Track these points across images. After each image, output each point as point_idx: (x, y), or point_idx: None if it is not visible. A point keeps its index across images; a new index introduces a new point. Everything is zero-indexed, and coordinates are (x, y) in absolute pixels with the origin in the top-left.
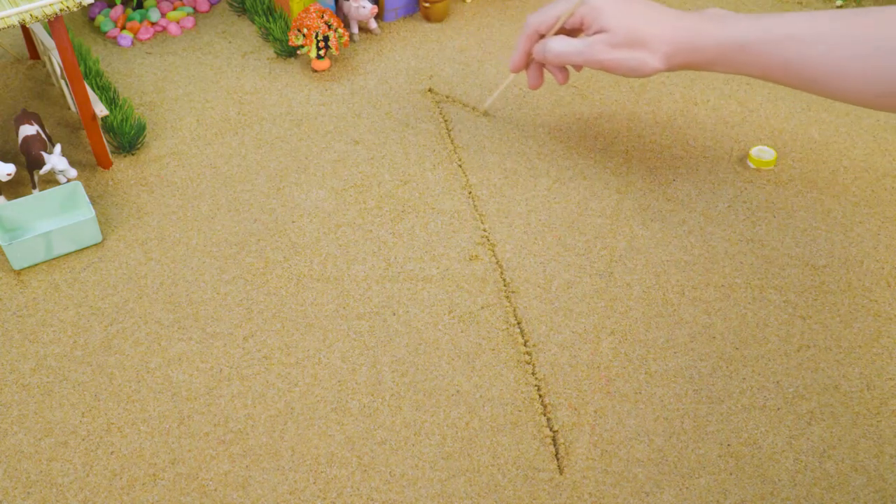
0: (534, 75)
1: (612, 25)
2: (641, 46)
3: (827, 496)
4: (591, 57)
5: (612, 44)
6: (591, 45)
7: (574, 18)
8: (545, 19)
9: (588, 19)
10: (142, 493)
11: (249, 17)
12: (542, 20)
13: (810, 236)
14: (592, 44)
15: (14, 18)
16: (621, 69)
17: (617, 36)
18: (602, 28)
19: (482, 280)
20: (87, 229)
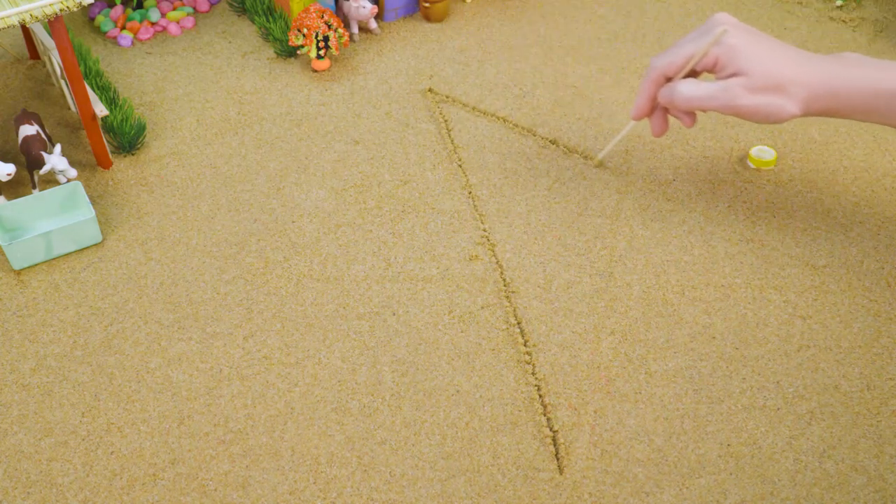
0: (658, 122)
1: (751, 68)
2: (780, 91)
3: (827, 496)
4: (727, 102)
5: (751, 88)
6: (728, 88)
7: (707, 59)
8: (674, 60)
9: (723, 60)
10: (142, 493)
11: (249, 17)
12: (671, 62)
13: (810, 236)
14: (728, 87)
15: (14, 18)
16: (758, 115)
17: (756, 79)
18: (739, 70)
19: (482, 280)
20: (87, 229)
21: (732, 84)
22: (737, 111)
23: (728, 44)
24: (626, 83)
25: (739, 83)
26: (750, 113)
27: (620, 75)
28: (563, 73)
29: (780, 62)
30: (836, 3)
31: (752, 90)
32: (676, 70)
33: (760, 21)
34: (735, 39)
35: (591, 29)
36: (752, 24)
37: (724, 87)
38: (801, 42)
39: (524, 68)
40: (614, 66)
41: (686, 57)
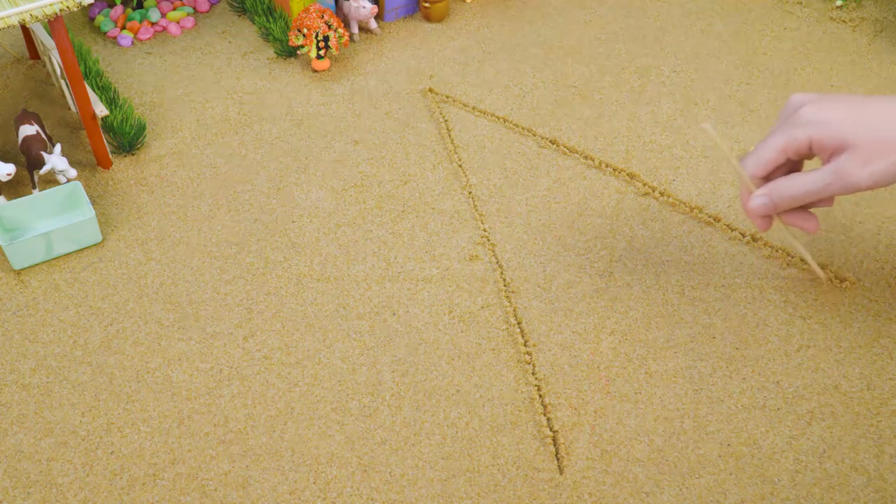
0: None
1: (856, 138)
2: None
3: (827, 496)
4: (844, 187)
5: (866, 159)
6: (838, 171)
7: (799, 145)
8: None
9: (818, 141)
10: (142, 493)
11: (249, 17)
12: (759, 162)
13: (810, 236)
14: (839, 170)
15: (14, 18)
16: (885, 181)
17: (867, 149)
18: (842, 145)
19: (482, 280)
20: (87, 229)
21: (842, 164)
22: (859, 190)
23: (817, 120)
24: (626, 83)
25: (849, 160)
26: (875, 185)
27: (620, 75)
28: (563, 73)
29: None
30: (836, 3)
31: (867, 161)
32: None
33: (760, 21)
34: (819, 114)
35: (591, 29)
36: (751, 25)
37: (833, 170)
38: (801, 42)
39: (524, 68)
40: (614, 66)
41: (776, 150)
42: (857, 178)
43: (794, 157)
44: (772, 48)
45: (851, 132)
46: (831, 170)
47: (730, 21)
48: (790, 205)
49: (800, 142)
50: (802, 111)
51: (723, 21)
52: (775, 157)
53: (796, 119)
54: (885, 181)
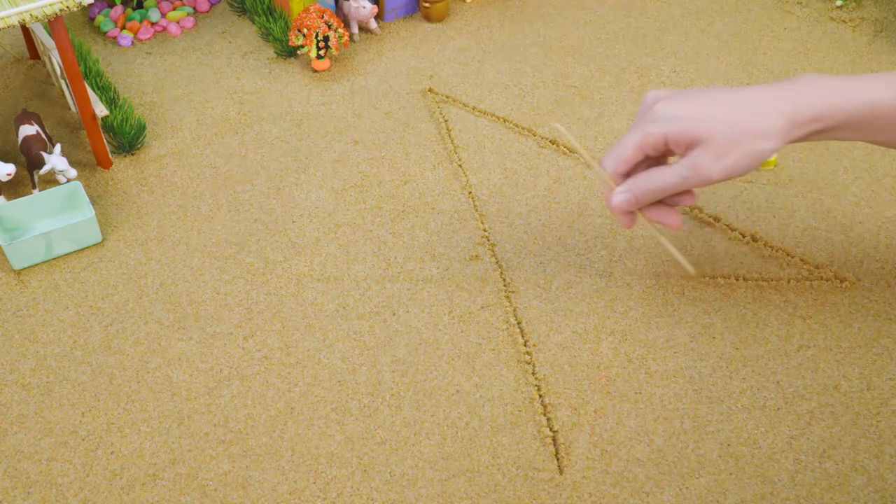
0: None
1: (708, 133)
2: (752, 138)
3: (827, 496)
4: (699, 180)
5: (718, 153)
6: (693, 165)
7: (655, 141)
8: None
9: (673, 137)
10: (142, 493)
11: (249, 17)
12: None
13: (810, 236)
14: (693, 164)
15: (14, 18)
16: (737, 172)
17: (718, 143)
18: (695, 140)
19: (482, 280)
20: (87, 229)
21: (696, 158)
22: (714, 182)
23: (670, 116)
24: (626, 83)
25: (703, 153)
26: (728, 176)
27: (620, 75)
28: (563, 73)
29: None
30: (836, 3)
31: (720, 155)
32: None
33: (760, 21)
34: (672, 109)
35: (591, 29)
36: (751, 25)
37: (689, 164)
38: (801, 42)
39: (524, 68)
40: (614, 66)
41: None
42: (711, 171)
43: (651, 153)
44: (772, 48)
45: (703, 127)
46: (687, 164)
47: (730, 21)
48: (651, 198)
49: (655, 138)
50: (656, 108)
51: (723, 21)
52: (633, 154)
53: (651, 116)
54: (738, 172)
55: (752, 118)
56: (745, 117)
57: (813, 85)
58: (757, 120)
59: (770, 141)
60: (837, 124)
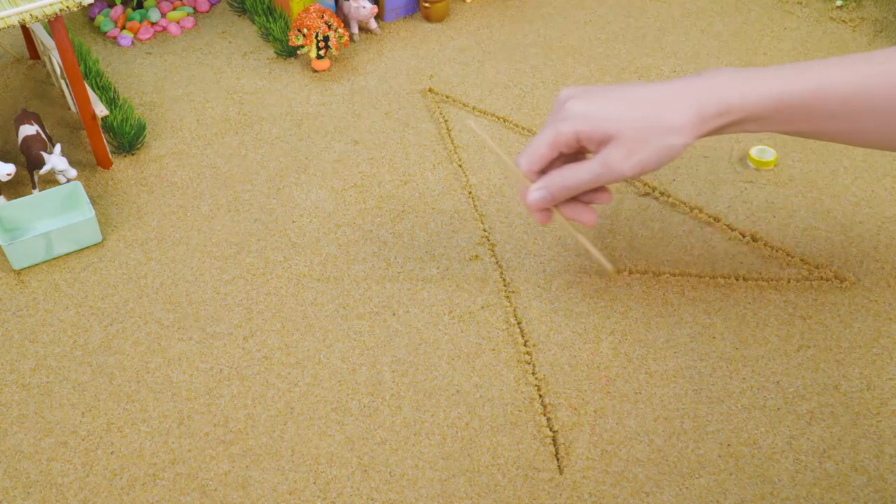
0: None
1: (618, 130)
2: (661, 134)
3: (827, 496)
4: (612, 177)
5: (629, 150)
6: (605, 161)
7: (567, 139)
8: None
9: (584, 134)
10: (142, 493)
11: (249, 17)
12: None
13: (810, 236)
14: (605, 161)
15: (14, 18)
16: (649, 168)
17: (629, 140)
18: (606, 136)
19: (482, 280)
20: (87, 229)
21: (608, 155)
22: (627, 178)
23: (579, 114)
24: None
25: (614, 150)
26: (641, 172)
27: (620, 75)
28: (563, 73)
29: (646, 106)
30: (836, 3)
31: (631, 151)
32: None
33: (760, 21)
34: (583, 107)
35: (591, 29)
36: (752, 25)
37: (601, 161)
38: (801, 42)
39: (524, 68)
40: (614, 66)
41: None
42: (623, 168)
43: (565, 150)
44: (772, 48)
45: (614, 124)
46: (599, 161)
47: (730, 21)
48: (566, 195)
49: (567, 135)
50: (567, 105)
51: (723, 21)
52: (546, 152)
53: (563, 114)
54: (651, 167)
55: (661, 113)
56: (654, 113)
57: (721, 79)
58: (666, 115)
59: (680, 136)
60: (746, 117)
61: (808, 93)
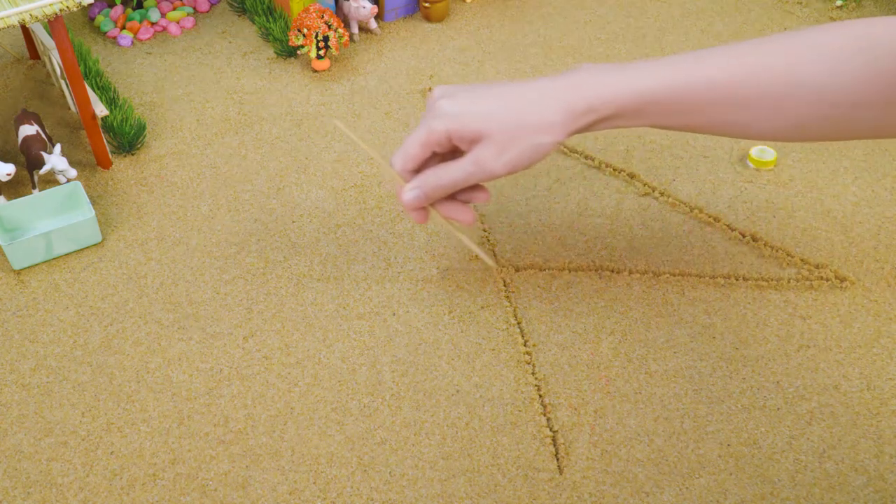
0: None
1: (489, 129)
2: (531, 132)
3: (827, 496)
4: (484, 175)
5: (500, 148)
6: (477, 160)
7: (439, 138)
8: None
9: (455, 132)
10: (142, 493)
11: (249, 17)
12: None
13: (810, 236)
14: (477, 160)
15: (14, 18)
16: (521, 166)
17: (499, 138)
18: (477, 135)
19: (482, 280)
20: (86, 229)
21: (479, 154)
22: (496, 177)
23: (450, 113)
24: None
25: (485, 148)
26: (511, 171)
27: None
28: None
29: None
30: (836, 3)
31: (502, 150)
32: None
33: (760, 21)
34: (455, 106)
35: (591, 29)
36: (751, 25)
37: (473, 160)
38: None
39: (524, 68)
40: None
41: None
42: (494, 166)
43: (437, 149)
44: None
45: (484, 123)
46: (471, 159)
47: (730, 21)
48: (441, 194)
49: (438, 134)
50: (439, 104)
51: (723, 21)
52: (419, 151)
53: (434, 112)
54: (522, 165)
55: (530, 112)
56: (523, 111)
57: (590, 76)
58: (535, 113)
59: (549, 134)
60: (615, 113)
61: (671, 87)
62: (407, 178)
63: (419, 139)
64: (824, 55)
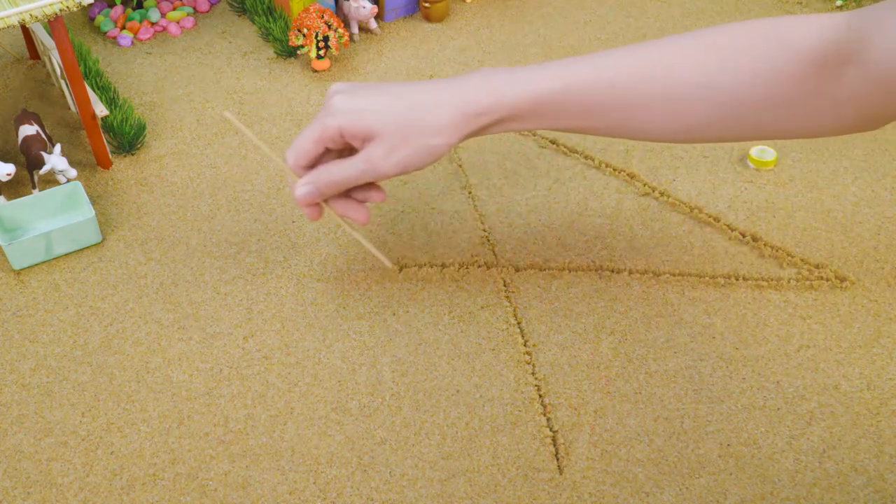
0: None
1: (380, 128)
2: (423, 133)
3: (827, 496)
4: (375, 174)
5: (390, 148)
6: (368, 159)
7: (332, 134)
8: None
9: (348, 130)
10: (142, 493)
11: (249, 17)
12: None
13: (810, 236)
14: (368, 158)
15: (14, 18)
16: (412, 167)
17: (390, 138)
18: (369, 134)
19: (482, 280)
20: (87, 229)
21: (371, 152)
22: (387, 176)
23: (344, 109)
24: None
25: (377, 147)
26: (401, 171)
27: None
28: None
29: (408, 106)
30: (835, 3)
31: (392, 149)
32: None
33: None
34: (348, 103)
35: (591, 29)
36: None
37: (365, 157)
38: None
39: None
40: None
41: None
42: (383, 166)
43: (331, 145)
44: None
45: (376, 122)
46: (363, 158)
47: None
48: (334, 191)
49: (331, 131)
50: (333, 101)
51: (723, 21)
52: (312, 147)
53: (329, 108)
54: (413, 166)
55: (423, 113)
56: (416, 112)
57: (484, 79)
58: (428, 115)
59: (441, 136)
60: (509, 115)
61: (567, 89)
62: (300, 173)
63: (312, 135)
64: (721, 55)
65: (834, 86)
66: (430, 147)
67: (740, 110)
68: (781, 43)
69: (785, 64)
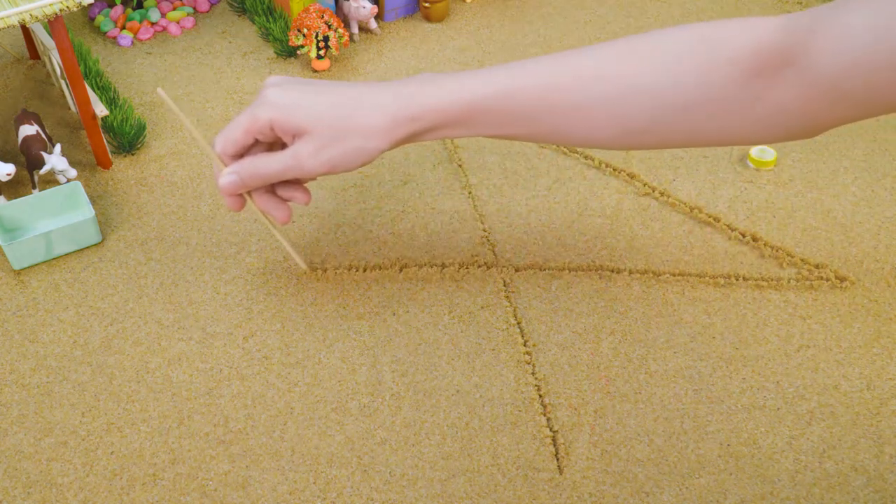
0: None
1: (311, 125)
2: (353, 134)
3: (827, 496)
4: (301, 171)
5: (319, 146)
6: (295, 154)
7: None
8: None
9: (278, 123)
10: (142, 493)
11: (249, 17)
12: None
13: (810, 236)
14: (296, 154)
15: (14, 18)
16: (340, 168)
17: (321, 136)
18: (300, 130)
19: (482, 280)
20: (87, 229)
21: (299, 149)
22: (314, 175)
23: (276, 103)
24: None
25: (305, 144)
26: (329, 170)
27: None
28: None
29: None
30: None
31: (321, 147)
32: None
33: None
34: (282, 97)
35: (591, 29)
36: None
37: (293, 153)
38: None
39: None
40: None
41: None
42: (310, 164)
43: (260, 137)
44: None
45: (309, 118)
46: (290, 153)
47: None
48: (258, 183)
49: (262, 122)
50: (268, 92)
51: None
52: (240, 136)
53: (261, 100)
54: (342, 167)
55: (356, 115)
56: (349, 113)
57: (418, 85)
58: (361, 117)
59: (372, 139)
60: (440, 122)
61: (502, 95)
62: (227, 161)
63: (242, 124)
64: (661, 58)
65: (776, 91)
66: (359, 149)
67: (679, 115)
68: (713, 48)
69: (717, 69)
